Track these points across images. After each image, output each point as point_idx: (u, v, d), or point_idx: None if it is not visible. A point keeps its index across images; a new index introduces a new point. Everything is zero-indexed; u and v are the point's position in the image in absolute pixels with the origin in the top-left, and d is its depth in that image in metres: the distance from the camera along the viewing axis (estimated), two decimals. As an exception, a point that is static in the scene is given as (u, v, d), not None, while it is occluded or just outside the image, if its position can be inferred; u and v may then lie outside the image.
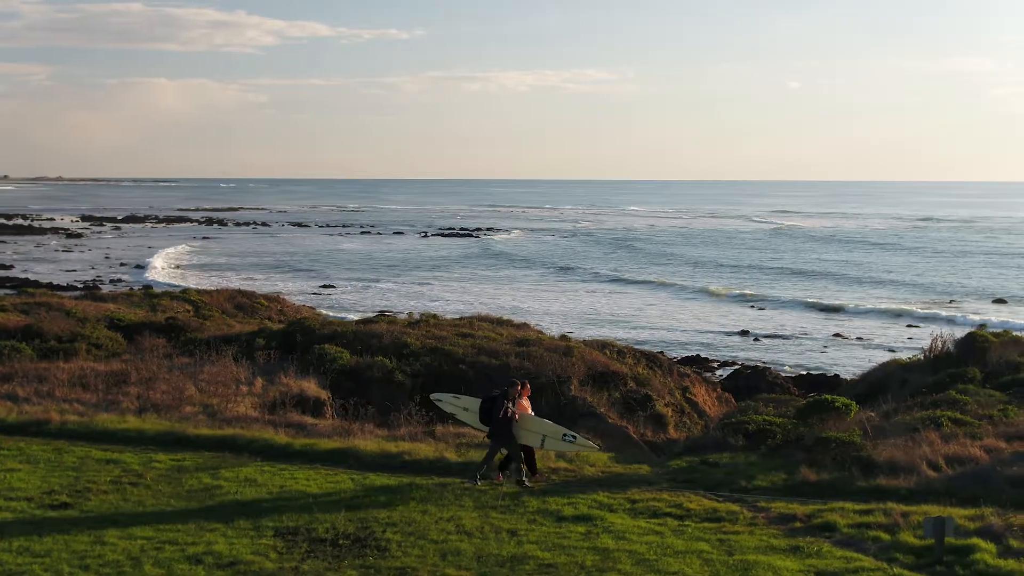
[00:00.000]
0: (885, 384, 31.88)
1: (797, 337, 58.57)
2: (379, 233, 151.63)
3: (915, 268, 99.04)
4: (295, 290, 78.62)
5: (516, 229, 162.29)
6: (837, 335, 58.62)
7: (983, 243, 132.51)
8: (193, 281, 79.95)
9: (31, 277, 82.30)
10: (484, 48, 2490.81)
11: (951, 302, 72.71)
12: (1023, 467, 18.45)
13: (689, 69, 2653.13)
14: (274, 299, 52.05)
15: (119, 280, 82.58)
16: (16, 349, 29.27)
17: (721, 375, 45.92)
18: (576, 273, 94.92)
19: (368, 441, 20.63)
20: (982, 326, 32.54)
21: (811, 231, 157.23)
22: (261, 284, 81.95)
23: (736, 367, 46.98)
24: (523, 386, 19.48)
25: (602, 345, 40.24)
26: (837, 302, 72.67)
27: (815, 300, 73.64)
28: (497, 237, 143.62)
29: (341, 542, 14.81)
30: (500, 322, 42.36)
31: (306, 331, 32.16)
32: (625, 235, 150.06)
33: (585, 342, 40.36)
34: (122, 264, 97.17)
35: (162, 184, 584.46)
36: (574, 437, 18.80)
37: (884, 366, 34.34)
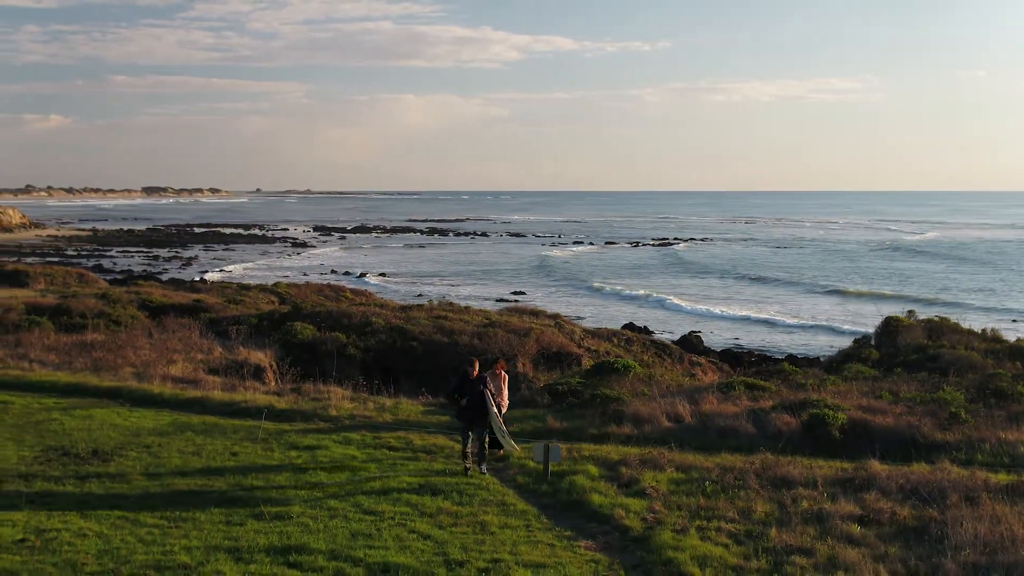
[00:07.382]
0: (831, 362, 33.40)
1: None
2: (591, 243, 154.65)
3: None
4: (483, 295, 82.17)
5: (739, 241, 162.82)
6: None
7: None
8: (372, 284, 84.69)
9: (244, 281, 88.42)
10: (727, 58, 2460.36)
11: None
12: (734, 421, 20.39)
13: (939, 76, 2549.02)
14: (361, 293, 56.49)
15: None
16: (37, 323, 34.08)
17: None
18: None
19: (223, 393, 24.02)
20: (911, 311, 33.29)
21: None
22: (447, 289, 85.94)
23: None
24: (496, 363, 20.59)
25: (610, 334, 42.61)
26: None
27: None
28: (710, 248, 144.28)
29: (82, 455, 18.24)
30: (534, 313, 45.33)
31: (294, 312, 35.87)
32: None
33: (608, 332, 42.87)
34: (332, 271, 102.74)
35: (403, 196, 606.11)
36: (504, 434, 19.06)
37: (842, 349, 35.67)
